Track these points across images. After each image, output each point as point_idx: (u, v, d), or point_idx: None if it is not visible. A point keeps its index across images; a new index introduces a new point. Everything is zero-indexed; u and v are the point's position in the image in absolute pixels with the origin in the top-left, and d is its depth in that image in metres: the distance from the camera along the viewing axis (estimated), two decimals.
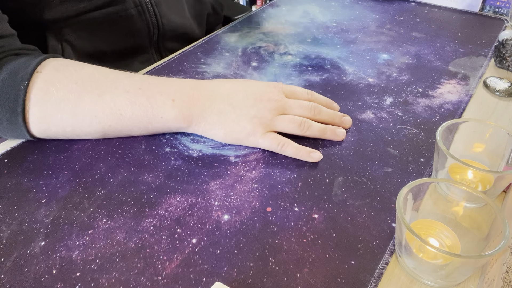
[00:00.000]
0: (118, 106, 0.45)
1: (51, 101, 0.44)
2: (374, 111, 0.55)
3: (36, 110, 0.44)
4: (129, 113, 0.46)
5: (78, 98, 0.44)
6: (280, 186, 0.43)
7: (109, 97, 0.45)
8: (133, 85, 0.46)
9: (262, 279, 0.34)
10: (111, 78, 0.46)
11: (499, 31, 0.79)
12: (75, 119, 0.45)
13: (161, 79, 0.49)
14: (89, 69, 0.47)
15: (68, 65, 0.46)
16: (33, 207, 0.40)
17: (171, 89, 0.47)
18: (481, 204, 0.35)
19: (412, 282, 0.35)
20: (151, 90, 0.46)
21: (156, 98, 0.46)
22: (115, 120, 0.46)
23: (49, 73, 0.44)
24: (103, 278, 0.34)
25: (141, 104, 0.45)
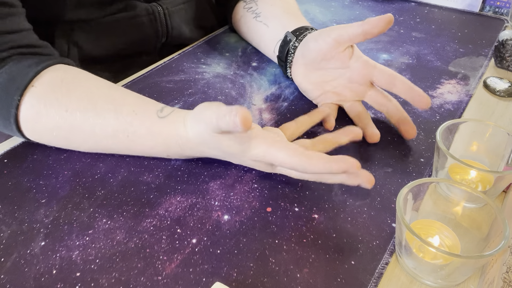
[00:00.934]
0: (112, 147, 0.45)
1: (42, 123, 0.43)
2: (374, 111, 0.55)
3: (29, 126, 0.44)
4: (124, 152, 0.46)
5: (70, 130, 0.43)
6: (280, 186, 0.43)
7: (100, 136, 0.43)
8: (121, 126, 0.43)
9: (262, 279, 0.34)
10: (100, 110, 0.43)
11: (499, 31, 0.79)
12: (68, 143, 0.46)
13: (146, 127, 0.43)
14: (82, 91, 0.44)
15: (63, 81, 0.44)
16: (33, 207, 0.40)
17: None
18: (481, 204, 0.35)
19: (412, 282, 0.35)
20: (139, 142, 0.44)
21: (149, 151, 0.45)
22: (107, 151, 0.46)
23: (42, 91, 0.43)
24: (103, 278, 0.34)
25: (134, 150, 0.45)
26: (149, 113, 0.43)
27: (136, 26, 0.65)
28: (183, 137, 0.42)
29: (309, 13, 0.87)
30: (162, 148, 0.44)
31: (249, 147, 0.40)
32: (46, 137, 0.45)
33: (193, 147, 0.42)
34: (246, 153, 0.40)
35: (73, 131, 0.44)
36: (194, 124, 0.41)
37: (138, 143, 0.44)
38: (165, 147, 0.43)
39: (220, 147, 0.41)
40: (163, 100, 0.57)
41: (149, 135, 0.43)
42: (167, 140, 0.43)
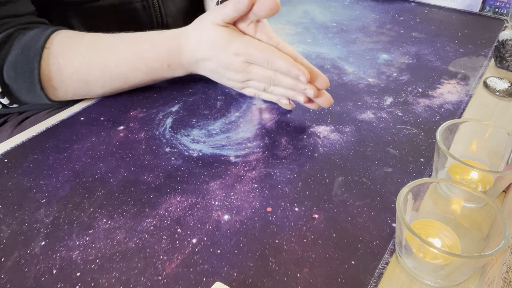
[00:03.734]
0: (123, 72, 0.52)
1: (64, 75, 0.50)
2: (374, 111, 0.55)
3: (52, 84, 0.50)
4: (134, 77, 0.53)
5: (88, 68, 0.51)
6: (280, 186, 0.43)
7: (113, 65, 0.51)
8: (129, 51, 0.52)
9: (262, 279, 0.34)
10: (108, 45, 0.52)
11: (499, 31, 0.79)
12: (88, 86, 0.52)
13: (149, 41, 0.53)
14: (89, 38, 0.52)
15: (71, 37, 0.51)
16: (33, 207, 0.40)
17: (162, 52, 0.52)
18: (481, 204, 0.35)
19: (412, 282, 0.35)
20: (148, 57, 0.52)
21: (154, 64, 0.53)
22: (123, 83, 0.54)
23: (56, 49, 0.49)
24: (103, 278, 0.34)
25: (142, 69, 0.52)
26: (151, 33, 0.52)
27: (130, 12, 0.65)
28: (183, 37, 0.51)
29: (309, 13, 0.87)
30: (164, 56, 0.51)
31: (236, 38, 0.48)
32: (69, 87, 0.51)
33: (191, 47, 0.50)
34: (232, 44, 0.48)
35: (90, 70, 0.51)
36: (197, 23, 0.50)
37: (144, 57, 0.51)
38: (166, 54, 0.51)
39: (213, 39, 0.48)
40: (163, 100, 0.57)
41: (152, 46, 0.51)
42: (169, 45, 0.51)
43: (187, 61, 0.52)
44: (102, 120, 0.53)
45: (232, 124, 0.53)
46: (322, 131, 0.51)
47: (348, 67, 0.66)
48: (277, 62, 0.48)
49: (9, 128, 0.63)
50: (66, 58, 0.50)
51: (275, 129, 0.52)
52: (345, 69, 0.66)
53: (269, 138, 0.50)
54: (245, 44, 0.48)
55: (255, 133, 0.51)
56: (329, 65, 0.67)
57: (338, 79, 0.63)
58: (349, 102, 0.57)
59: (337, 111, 0.55)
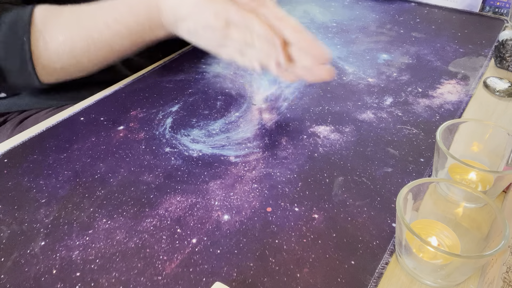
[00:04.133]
0: (106, 39, 0.51)
1: (51, 49, 0.50)
2: (374, 111, 0.55)
3: (41, 60, 0.50)
4: (117, 43, 0.52)
5: (71, 39, 0.50)
6: (280, 186, 0.43)
7: (95, 33, 0.51)
8: (108, 16, 0.51)
9: (262, 279, 0.34)
10: (88, 14, 0.52)
11: (499, 31, 0.79)
12: (75, 59, 0.52)
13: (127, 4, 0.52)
14: (69, 10, 0.52)
15: (51, 10, 0.51)
16: (33, 207, 0.40)
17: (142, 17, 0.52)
18: (481, 204, 0.35)
19: (412, 282, 0.35)
20: (128, 21, 0.51)
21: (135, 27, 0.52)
22: (108, 51, 0.53)
23: (40, 24, 0.50)
24: (103, 278, 0.34)
25: (124, 34, 0.52)
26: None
27: None
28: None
29: (309, 13, 0.87)
30: (144, 17, 0.51)
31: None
32: (56, 63, 0.51)
33: (171, 5, 0.49)
34: (212, 4, 0.46)
35: (74, 41, 0.50)
36: None
37: (125, 21, 0.51)
38: (146, 15, 0.50)
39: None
40: (163, 100, 0.57)
41: (131, 9, 0.51)
42: (148, 6, 0.50)
43: (166, 21, 0.51)
44: (102, 120, 0.53)
45: (232, 124, 0.53)
46: (322, 131, 0.51)
47: (348, 67, 0.66)
48: (255, 27, 0.47)
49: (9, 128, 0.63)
50: (49, 32, 0.50)
51: (275, 129, 0.52)
52: (345, 69, 0.66)
53: (269, 138, 0.50)
54: (227, 5, 0.47)
55: (255, 133, 0.51)
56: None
57: (338, 79, 0.63)
58: (349, 102, 0.57)
59: (337, 111, 0.55)
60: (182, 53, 0.69)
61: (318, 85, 0.61)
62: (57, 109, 0.62)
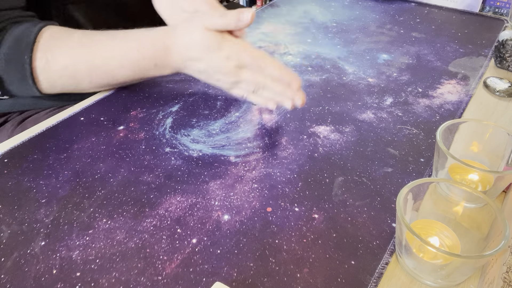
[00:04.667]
0: (110, 69, 0.52)
1: (52, 70, 0.50)
2: (374, 111, 0.55)
3: (42, 77, 0.50)
4: (121, 75, 0.53)
5: (74, 64, 0.51)
6: (280, 186, 0.43)
7: (100, 62, 0.51)
8: (116, 48, 0.52)
9: (262, 279, 0.34)
10: (96, 42, 0.52)
11: (499, 31, 0.79)
12: (76, 81, 0.52)
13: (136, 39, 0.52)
14: (77, 35, 0.52)
15: (59, 32, 0.52)
16: (33, 207, 0.40)
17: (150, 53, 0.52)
18: (481, 204, 0.35)
19: (412, 282, 0.35)
20: (134, 56, 0.52)
21: (141, 63, 0.52)
22: (110, 80, 0.54)
23: (46, 43, 0.50)
24: (103, 278, 0.34)
25: (128, 67, 0.52)
26: (139, 31, 0.52)
27: (129, 6, 0.65)
28: (172, 37, 0.50)
29: (309, 13, 0.87)
30: (151, 55, 0.51)
31: (228, 41, 0.48)
32: (56, 81, 0.51)
33: (180, 48, 0.50)
34: (224, 47, 0.48)
35: (77, 66, 0.51)
36: (187, 25, 0.49)
37: (131, 56, 0.51)
38: (153, 53, 0.51)
39: (205, 42, 0.48)
40: (163, 100, 0.57)
41: (139, 45, 0.51)
42: (156, 44, 0.51)
43: (175, 61, 0.52)
44: (102, 120, 0.53)
45: (232, 124, 0.53)
46: (322, 131, 0.51)
47: (348, 67, 0.66)
48: (269, 68, 0.48)
49: (10, 128, 0.63)
50: (54, 53, 0.50)
51: (275, 129, 0.52)
52: (345, 69, 0.66)
53: (269, 138, 0.50)
54: (237, 48, 0.48)
55: (255, 133, 0.51)
56: (329, 65, 0.67)
57: (338, 79, 0.63)
58: (349, 102, 0.57)
59: (337, 111, 0.55)
60: None
61: (318, 85, 0.61)
62: (57, 109, 0.62)
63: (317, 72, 0.65)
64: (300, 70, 0.65)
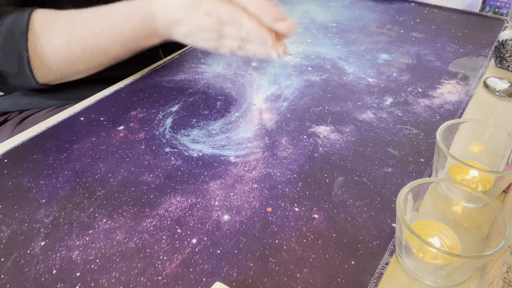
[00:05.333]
0: (102, 46, 0.52)
1: (46, 53, 0.50)
2: (374, 111, 0.55)
3: (37, 63, 0.50)
4: (113, 50, 0.53)
5: (68, 45, 0.51)
6: (280, 186, 0.43)
7: (91, 39, 0.51)
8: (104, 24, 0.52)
9: (262, 279, 0.34)
10: (84, 20, 0.52)
11: (499, 31, 0.79)
12: (71, 64, 0.53)
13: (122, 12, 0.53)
14: (64, 16, 0.52)
15: (48, 16, 0.51)
16: (33, 207, 0.40)
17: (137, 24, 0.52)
18: (481, 204, 0.35)
19: (412, 282, 0.35)
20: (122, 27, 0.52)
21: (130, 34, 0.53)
22: (103, 57, 0.53)
23: (37, 28, 0.50)
24: (103, 278, 0.34)
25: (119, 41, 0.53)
26: (122, 3, 0.52)
27: None
28: (154, 2, 0.51)
29: (309, 13, 0.87)
30: (139, 24, 0.51)
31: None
32: (52, 66, 0.52)
33: (163, 11, 0.50)
34: (202, 4, 0.48)
35: (70, 47, 0.51)
36: None
37: (120, 29, 0.51)
38: (141, 23, 0.51)
39: (184, 1, 0.48)
40: (163, 100, 0.57)
41: (126, 17, 0.51)
42: (142, 13, 0.51)
43: (160, 26, 0.52)
44: (102, 120, 0.53)
45: (232, 124, 0.53)
46: (322, 131, 0.51)
47: (348, 67, 0.66)
48: (246, 24, 0.48)
49: (10, 127, 0.63)
50: (46, 37, 0.50)
51: (275, 129, 0.52)
52: (345, 69, 0.66)
53: (269, 138, 0.50)
54: (215, 3, 0.48)
55: (255, 133, 0.51)
56: (329, 65, 0.67)
57: (338, 79, 0.63)
58: (349, 102, 0.57)
59: (337, 111, 0.55)
60: (182, 53, 0.69)
61: (318, 85, 0.61)
62: (57, 109, 0.62)
63: (317, 72, 0.65)
64: (300, 70, 0.65)
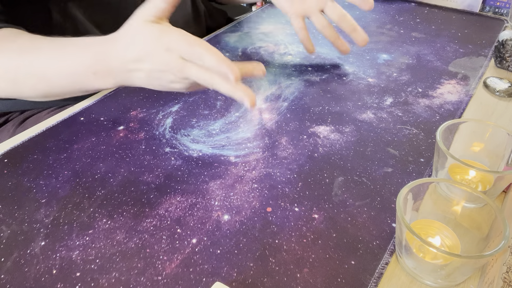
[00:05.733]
0: (48, 76, 0.49)
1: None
2: (374, 111, 0.55)
3: None
4: (57, 82, 0.49)
5: (15, 68, 0.49)
6: (280, 186, 0.43)
7: (38, 66, 0.48)
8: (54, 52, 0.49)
9: (262, 279, 0.34)
10: (38, 46, 0.49)
11: (499, 31, 0.79)
12: (18, 86, 0.50)
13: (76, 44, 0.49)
14: (23, 38, 0.50)
15: (9, 36, 0.50)
16: (33, 207, 0.40)
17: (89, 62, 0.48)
18: (481, 204, 0.35)
19: (412, 282, 0.35)
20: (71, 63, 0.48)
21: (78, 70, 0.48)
22: (48, 87, 0.50)
23: None
24: (103, 278, 0.34)
25: (65, 73, 0.48)
26: (81, 38, 0.49)
27: (127, 2, 0.65)
28: (111, 41, 0.46)
29: None
30: (89, 60, 0.47)
31: (166, 32, 0.43)
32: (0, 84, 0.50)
33: (119, 51, 0.45)
34: (162, 38, 0.43)
35: (18, 70, 0.49)
36: (126, 24, 0.45)
37: (68, 60, 0.47)
38: (92, 58, 0.46)
39: (142, 38, 0.44)
40: (163, 100, 0.57)
41: (78, 49, 0.48)
42: (96, 49, 0.46)
43: (116, 67, 0.46)
44: (102, 120, 0.53)
45: (232, 124, 0.53)
46: (322, 131, 0.51)
47: (348, 67, 0.66)
48: (206, 57, 0.42)
49: (11, 128, 0.63)
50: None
51: (275, 129, 0.52)
52: (345, 69, 0.66)
53: (269, 138, 0.50)
54: (175, 37, 0.43)
55: (255, 133, 0.51)
56: (329, 65, 0.67)
57: (338, 79, 0.63)
58: (349, 102, 0.57)
59: (337, 111, 0.55)
60: None
61: (318, 85, 0.61)
62: (57, 109, 0.62)
63: (317, 72, 0.65)
64: (300, 70, 0.65)
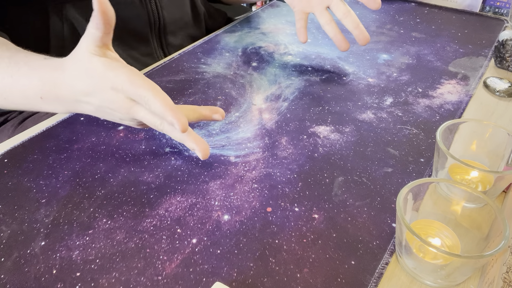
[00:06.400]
0: (1, 91, 0.47)
1: None
2: (374, 111, 0.55)
3: None
4: (11, 100, 0.48)
5: None
6: (280, 186, 0.43)
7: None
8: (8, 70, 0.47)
9: (262, 279, 0.34)
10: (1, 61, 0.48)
11: (499, 31, 0.79)
12: None
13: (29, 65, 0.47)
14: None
15: None
16: (33, 207, 0.40)
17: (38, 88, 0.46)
18: (481, 204, 0.35)
19: (412, 282, 0.35)
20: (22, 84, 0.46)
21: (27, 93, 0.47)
22: (4, 102, 0.48)
23: None
24: (103, 278, 0.34)
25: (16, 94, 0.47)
26: (37, 56, 0.47)
27: (126, 4, 0.65)
28: (60, 70, 0.44)
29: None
30: (37, 85, 0.45)
31: (112, 71, 0.41)
32: None
33: (67, 82, 0.43)
34: (108, 78, 0.40)
35: None
36: (74, 54, 0.43)
37: (19, 81, 0.46)
38: (40, 84, 0.45)
39: (89, 73, 0.41)
40: None
41: (29, 71, 0.45)
42: (44, 75, 0.45)
43: (64, 96, 0.44)
44: (102, 120, 0.53)
45: (232, 124, 0.53)
46: (322, 131, 0.51)
47: (348, 67, 0.66)
48: (151, 103, 0.39)
49: (10, 128, 0.63)
50: None
51: (275, 129, 0.52)
52: (345, 69, 0.66)
53: (269, 138, 0.50)
54: (120, 77, 0.40)
55: (255, 133, 0.51)
56: (329, 65, 0.67)
57: (338, 79, 0.63)
58: (349, 102, 0.57)
59: (337, 111, 0.55)
60: (182, 53, 0.69)
61: (318, 85, 0.61)
62: None
63: (317, 72, 0.65)
64: (300, 70, 0.65)
